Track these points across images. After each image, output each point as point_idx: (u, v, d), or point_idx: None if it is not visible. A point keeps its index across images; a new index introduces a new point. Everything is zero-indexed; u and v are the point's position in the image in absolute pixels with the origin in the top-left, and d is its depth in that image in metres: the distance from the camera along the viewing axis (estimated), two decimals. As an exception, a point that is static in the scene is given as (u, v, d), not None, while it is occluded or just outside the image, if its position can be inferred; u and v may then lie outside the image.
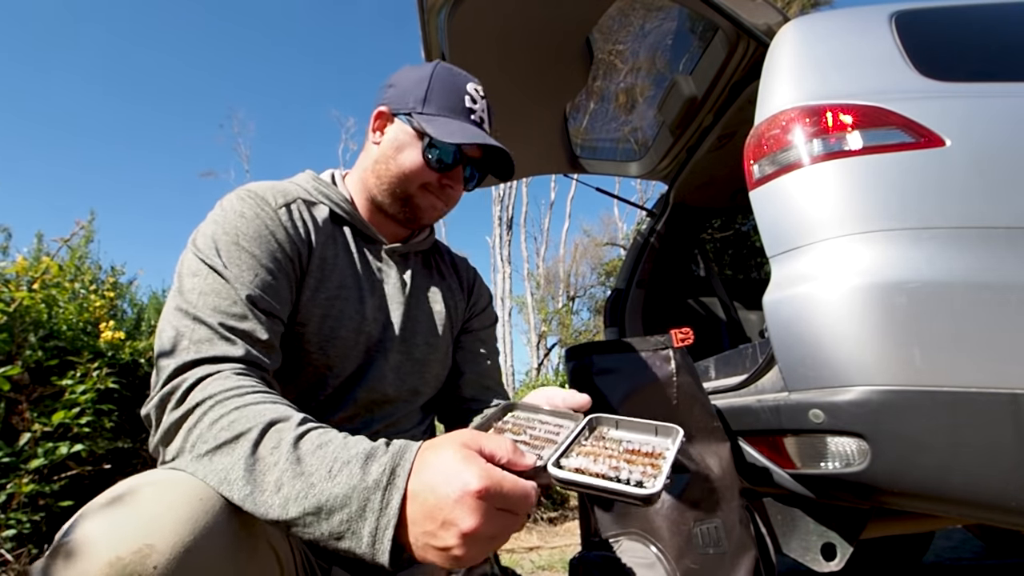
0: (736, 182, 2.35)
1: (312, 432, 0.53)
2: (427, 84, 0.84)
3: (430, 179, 0.85)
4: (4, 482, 1.69)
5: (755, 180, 1.23)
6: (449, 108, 0.83)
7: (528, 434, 0.65)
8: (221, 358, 0.62)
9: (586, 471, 0.53)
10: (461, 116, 0.83)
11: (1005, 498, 0.93)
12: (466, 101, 0.84)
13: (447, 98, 0.84)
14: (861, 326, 1.01)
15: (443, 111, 0.83)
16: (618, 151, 2.81)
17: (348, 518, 0.47)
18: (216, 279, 0.68)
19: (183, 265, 0.71)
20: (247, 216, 0.75)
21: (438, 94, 0.84)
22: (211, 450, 0.53)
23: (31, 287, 2.03)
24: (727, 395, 1.37)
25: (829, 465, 1.06)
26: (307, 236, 0.81)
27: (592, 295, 16.96)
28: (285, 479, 0.49)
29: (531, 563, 2.92)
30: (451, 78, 0.86)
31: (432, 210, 0.88)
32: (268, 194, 0.80)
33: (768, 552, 1.21)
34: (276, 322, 0.71)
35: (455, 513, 0.45)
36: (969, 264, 1.01)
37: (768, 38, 1.55)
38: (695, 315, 2.82)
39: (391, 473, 0.48)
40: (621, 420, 0.67)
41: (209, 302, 0.66)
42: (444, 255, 1.05)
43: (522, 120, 2.34)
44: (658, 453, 0.58)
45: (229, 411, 0.55)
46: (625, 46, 2.24)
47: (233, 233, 0.72)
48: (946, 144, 1.09)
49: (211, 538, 0.48)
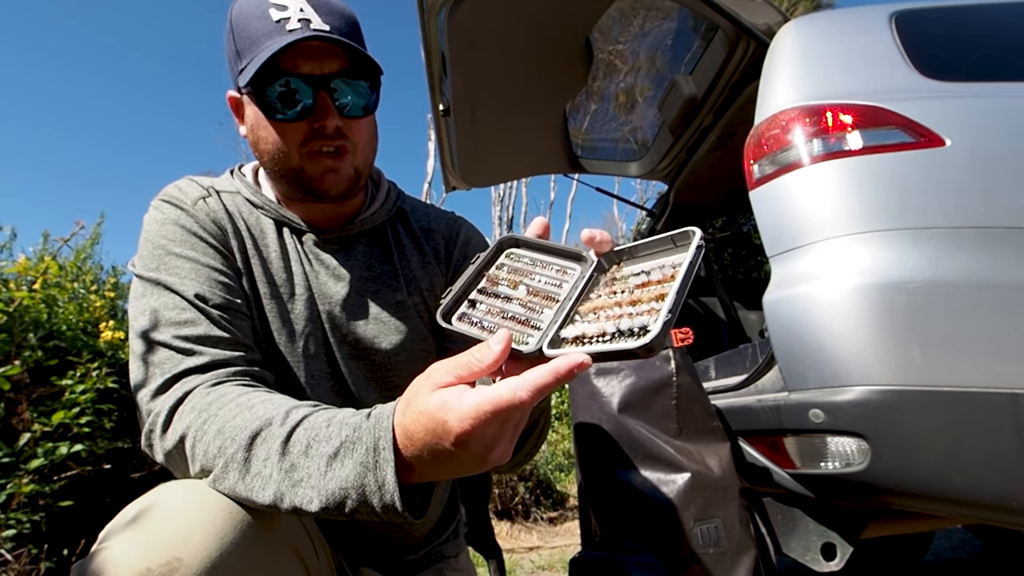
0: (736, 182, 2.35)
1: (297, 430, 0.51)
2: (231, 35, 0.68)
3: (300, 134, 0.68)
4: (4, 482, 1.68)
5: (755, 180, 1.23)
6: (260, 37, 0.65)
7: (526, 286, 0.56)
8: (188, 370, 0.60)
9: (584, 337, 0.47)
10: (275, 36, 0.65)
11: (1005, 498, 0.93)
12: (272, 14, 0.65)
13: (252, 29, 0.66)
14: (861, 326, 1.01)
15: (255, 48, 0.65)
16: (618, 151, 2.81)
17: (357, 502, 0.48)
18: (160, 292, 0.64)
19: (131, 293, 0.67)
20: (168, 222, 0.70)
21: (243, 35, 0.67)
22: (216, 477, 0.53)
23: (31, 287, 2.03)
24: (727, 395, 1.37)
25: (829, 465, 1.06)
26: (227, 228, 0.72)
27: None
28: (285, 490, 0.49)
29: (531, 563, 2.92)
30: (248, 4, 0.68)
31: (332, 175, 0.70)
32: (182, 193, 0.73)
33: (768, 552, 1.21)
34: (236, 315, 0.66)
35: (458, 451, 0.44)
36: (969, 264, 1.01)
37: (768, 38, 1.55)
38: (695, 315, 2.82)
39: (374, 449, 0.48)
40: (634, 247, 0.56)
41: (160, 317, 0.62)
42: (413, 222, 0.86)
43: (522, 120, 2.34)
44: (669, 276, 0.49)
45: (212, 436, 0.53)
46: (625, 46, 2.24)
47: (161, 243, 0.68)
48: (946, 144, 1.09)
49: (238, 552, 0.49)
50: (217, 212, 0.73)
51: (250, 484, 0.50)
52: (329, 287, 0.75)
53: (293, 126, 0.68)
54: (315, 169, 0.70)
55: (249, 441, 0.51)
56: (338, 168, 0.70)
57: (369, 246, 0.80)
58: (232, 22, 0.68)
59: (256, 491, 0.50)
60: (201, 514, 0.49)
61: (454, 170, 2.47)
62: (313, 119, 0.67)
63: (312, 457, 0.49)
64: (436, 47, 1.83)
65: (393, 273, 0.80)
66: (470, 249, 0.86)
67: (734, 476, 1.19)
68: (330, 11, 0.67)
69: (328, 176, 0.70)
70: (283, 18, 0.65)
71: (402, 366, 0.78)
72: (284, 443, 0.50)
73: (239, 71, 0.67)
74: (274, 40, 0.64)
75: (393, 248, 0.81)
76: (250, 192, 0.77)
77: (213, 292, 0.65)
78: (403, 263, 0.81)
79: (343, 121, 0.68)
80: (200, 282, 0.65)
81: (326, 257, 0.76)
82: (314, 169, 0.70)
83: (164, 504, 0.50)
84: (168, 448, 0.56)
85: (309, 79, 0.66)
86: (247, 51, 0.66)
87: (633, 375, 1.27)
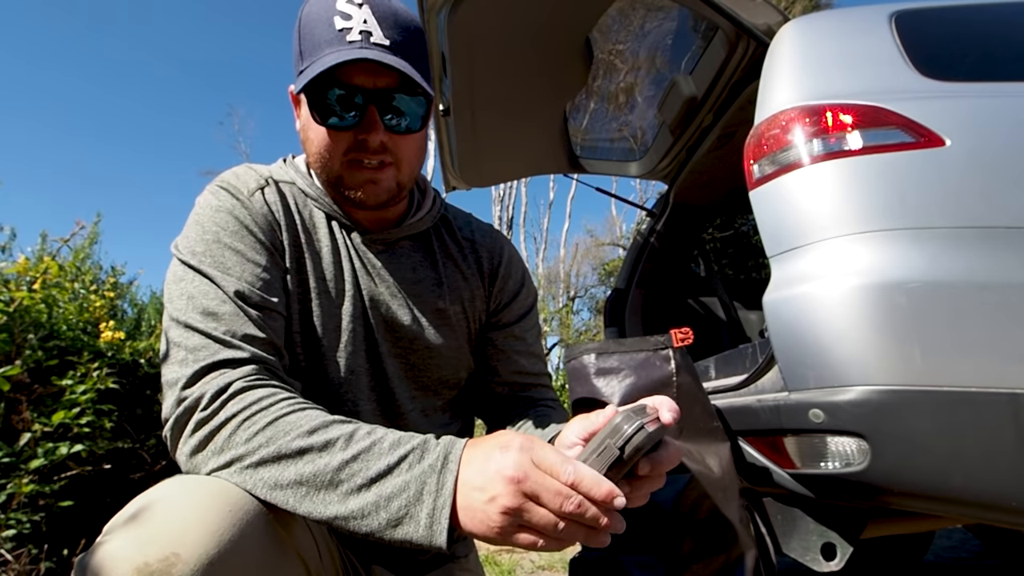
0: (736, 182, 2.35)
1: (360, 430, 0.54)
2: (298, 35, 0.68)
3: (344, 144, 0.68)
4: (4, 482, 1.68)
5: (755, 180, 1.23)
6: (322, 44, 0.65)
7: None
8: (226, 362, 0.59)
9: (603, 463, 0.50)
10: (335, 45, 0.65)
11: (1005, 498, 0.93)
12: (336, 23, 0.65)
13: (316, 34, 0.66)
14: (861, 326, 1.01)
15: (316, 53, 0.66)
16: (618, 151, 2.81)
17: (406, 503, 0.49)
18: (200, 280, 0.64)
19: (169, 273, 0.67)
20: (222, 210, 0.69)
21: (308, 38, 0.67)
22: (255, 463, 0.53)
23: (31, 287, 2.03)
24: (727, 395, 1.37)
25: (829, 465, 1.06)
26: (281, 222, 0.73)
27: (593, 295, 16.98)
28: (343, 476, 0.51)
29: (531, 563, 2.92)
30: (317, 8, 0.67)
31: (372, 186, 0.70)
32: (240, 182, 0.73)
33: (768, 552, 1.21)
34: (273, 316, 0.66)
35: (499, 488, 0.47)
36: (969, 264, 1.01)
37: (768, 38, 1.55)
38: (695, 315, 2.82)
39: (444, 458, 0.51)
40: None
41: (198, 305, 0.62)
42: (458, 231, 0.86)
43: (522, 120, 2.34)
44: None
45: (264, 426, 0.54)
46: (625, 46, 2.24)
47: (213, 231, 0.67)
48: (946, 144, 1.09)
49: (237, 550, 0.49)
50: (274, 204, 0.73)
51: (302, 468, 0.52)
52: (375, 286, 0.77)
53: (339, 134, 0.68)
54: (354, 179, 0.70)
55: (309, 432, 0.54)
56: (378, 180, 0.70)
57: (413, 250, 0.81)
58: (300, 23, 0.68)
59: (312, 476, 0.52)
60: (201, 511, 0.49)
61: (454, 170, 2.47)
62: (359, 131, 0.68)
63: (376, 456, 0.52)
64: (436, 47, 1.83)
65: (436, 280, 0.81)
66: (512, 268, 0.89)
67: (734, 476, 1.19)
68: (394, 23, 0.67)
69: (367, 187, 0.71)
70: (346, 28, 0.65)
71: (434, 368, 0.80)
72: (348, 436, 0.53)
73: (299, 72, 0.68)
74: (334, 49, 0.64)
75: (438, 255, 0.83)
76: (305, 183, 0.77)
77: (253, 290, 0.65)
78: (446, 271, 0.83)
79: (388, 136, 0.68)
80: (243, 278, 0.65)
81: (372, 257, 0.78)
82: (353, 179, 0.70)
83: (164, 500, 0.50)
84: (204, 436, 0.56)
85: (361, 91, 0.66)
86: (308, 54, 0.67)
87: (633, 375, 1.27)
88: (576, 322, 16.34)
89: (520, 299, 0.88)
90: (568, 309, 16.77)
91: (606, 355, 1.27)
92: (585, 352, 1.28)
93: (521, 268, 0.90)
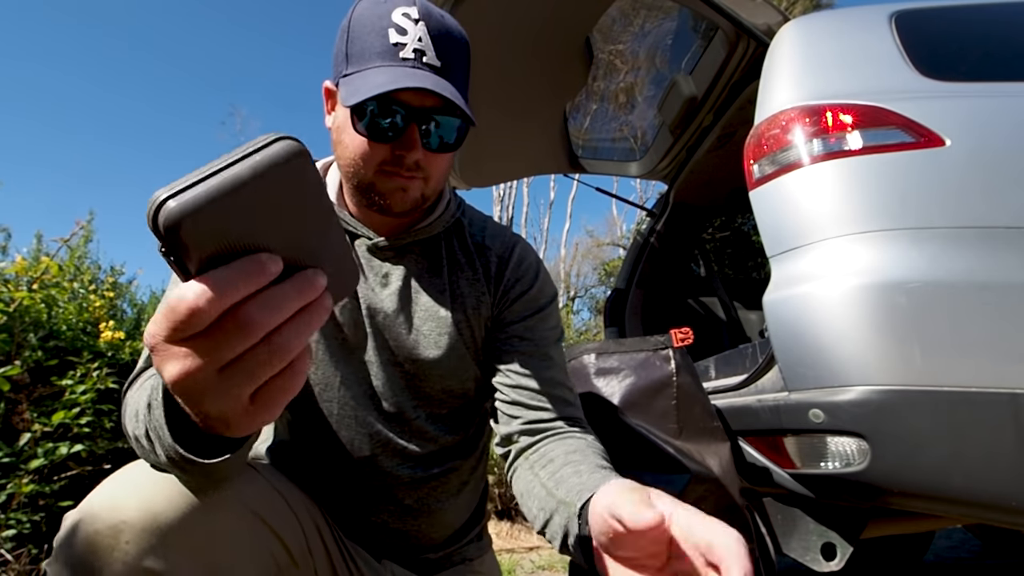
0: (736, 182, 2.35)
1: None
2: (346, 36, 0.67)
3: (380, 156, 0.68)
4: (4, 482, 1.69)
5: (755, 180, 1.23)
6: (373, 54, 0.65)
7: None
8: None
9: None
10: (387, 59, 0.64)
11: (1005, 498, 0.93)
12: (391, 36, 0.64)
13: (368, 42, 0.65)
14: (861, 326, 1.01)
15: (365, 62, 0.65)
16: (618, 151, 2.81)
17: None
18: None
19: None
20: None
21: (358, 43, 0.66)
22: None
23: (31, 287, 2.03)
24: (727, 395, 1.37)
25: (829, 465, 1.06)
26: None
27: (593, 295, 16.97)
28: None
29: (531, 563, 2.92)
30: (371, 14, 0.66)
31: (401, 193, 0.70)
32: None
33: (768, 552, 1.21)
34: None
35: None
36: (969, 264, 1.01)
37: (768, 38, 1.55)
38: (695, 315, 2.82)
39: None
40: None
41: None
42: (469, 237, 0.83)
43: (522, 120, 2.34)
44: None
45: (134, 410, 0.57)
46: (625, 46, 2.24)
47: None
48: (946, 144, 1.09)
49: (187, 514, 0.53)
50: None
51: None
52: (376, 293, 0.76)
53: (377, 146, 0.67)
54: (386, 185, 0.70)
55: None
56: (408, 188, 0.70)
57: (420, 256, 0.79)
58: (351, 22, 0.67)
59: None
60: (151, 479, 0.53)
61: (454, 170, 2.47)
62: (397, 146, 0.67)
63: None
64: (436, 47, 1.83)
65: (441, 287, 0.79)
66: (523, 270, 0.83)
67: (734, 476, 1.19)
68: (447, 43, 0.66)
69: (397, 194, 0.70)
70: (400, 43, 0.64)
71: (435, 379, 0.77)
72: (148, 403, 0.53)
73: (342, 74, 0.67)
74: (385, 63, 0.64)
75: (444, 262, 0.80)
76: None
77: None
78: (452, 278, 0.80)
79: (425, 154, 0.68)
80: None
81: (377, 263, 0.77)
82: (385, 185, 0.70)
83: (121, 476, 0.56)
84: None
85: (406, 108, 0.65)
86: (355, 60, 0.66)
87: (633, 375, 1.27)
88: (576, 322, 16.34)
89: (527, 298, 0.81)
90: (568, 309, 16.78)
91: (606, 355, 1.27)
92: (585, 352, 1.28)
93: (534, 270, 0.84)
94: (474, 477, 0.86)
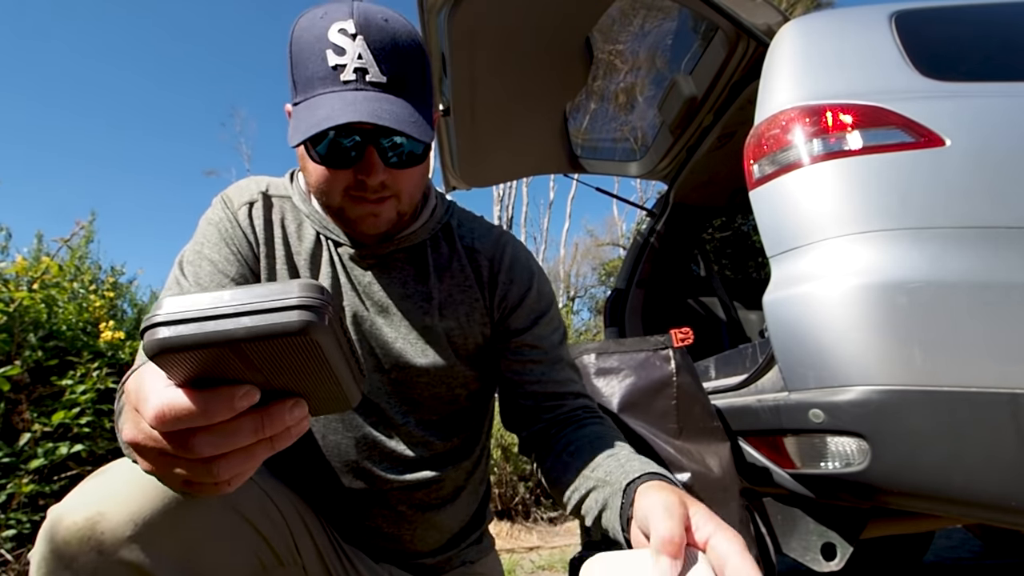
0: (736, 182, 2.35)
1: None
2: (289, 60, 0.64)
3: (343, 181, 0.66)
4: (4, 482, 1.69)
5: (755, 180, 1.23)
6: (315, 80, 0.62)
7: None
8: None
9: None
10: (329, 84, 0.61)
11: (1005, 498, 0.93)
12: (329, 57, 0.61)
13: (309, 67, 0.62)
14: (861, 326, 1.01)
15: (310, 89, 0.62)
16: (618, 151, 2.81)
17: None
18: (176, 289, 0.68)
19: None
20: (213, 221, 0.74)
21: (300, 68, 0.63)
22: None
23: (31, 287, 2.03)
24: (727, 395, 1.37)
25: (829, 465, 1.06)
26: (260, 236, 0.74)
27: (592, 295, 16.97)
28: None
29: (531, 563, 2.92)
30: (309, 35, 0.62)
31: (372, 219, 0.69)
32: (236, 194, 0.76)
33: (768, 552, 1.21)
34: None
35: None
36: (970, 264, 1.01)
37: (768, 38, 1.55)
38: (695, 315, 2.82)
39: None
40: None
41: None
42: (459, 240, 0.81)
43: (522, 120, 2.34)
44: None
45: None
46: (625, 46, 2.24)
47: (200, 241, 0.72)
48: (946, 144, 1.09)
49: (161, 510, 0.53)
50: (256, 219, 0.75)
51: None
52: (359, 302, 0.75)
53: (337, 173, 0.65)
54: (355, 211, 0.68)
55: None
56: (379, 213, 0.68)
57: (406, 263, 0.78)
58: (291, 46, 0.64)
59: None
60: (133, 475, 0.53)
61: (454, 170, 2.47)
62: (358, 171, 0.65)
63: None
64: (436, 47, 1.83)
65: (426, 295, 0.77)
66: (516, 272, 0.81)
67: (734, 476, 1.19)
68: (392, 53, 0.62)
69: (368, 219, 0.69)
70: (339, 64, 0.61)
71: (423, 386, 0.76)
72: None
73: (293, 101, 0.65)
74: (328, 90, 0.61)
75: (431, 269, 0.78)
76: (299, 199, 0.78)
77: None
78: (439, 286, 0.78)
79: (389, 173, 0.66)
80: (208, 288, 0.68)
81: (359, 273, 0.76)
82: (354, 211, 0.68)
83: (105, 471, 0.57)
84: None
85: (360, 131, 0.62)
86: (301, 87, 0.63)
87: (633, 375, 1.27)
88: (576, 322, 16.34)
89: (528, 303, 0.80)
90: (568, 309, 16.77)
91: (606, 355, 1.27)
92: (585, 352, 1.28)
93: (528, 271, 0.82)
94: (472, 481, 0.85)
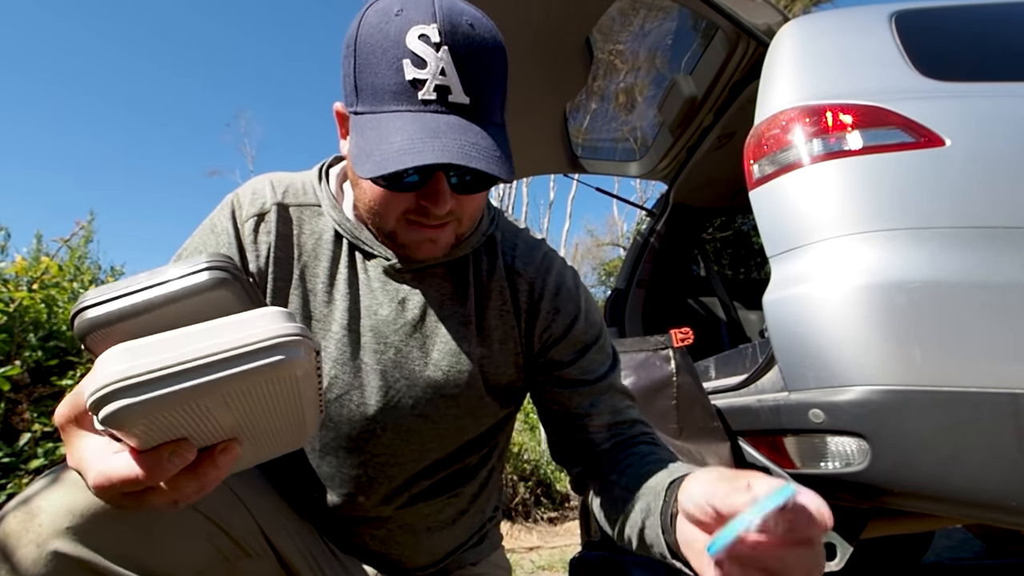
0: (736, 182, 2.35)
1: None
2: (353, 60, 0.55)
3: (403, 205, 0.59)
4: (4, 482, 1.68)
5: (755, 180, 1.23)
6: (386, 93, 0.54)
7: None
8: None
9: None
10: (403, 101, 0.53)
11: (1005, 498, 0.93)
12: (407, 70, 0.52)
13: (380, 75, 0.54)
14: (861, 326, 1.01)
15: (378, 102, 0.54)
16: (618, 151, 2.81)
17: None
18: None
19: None
20: (217, 231, 0.67)
21: (368, 73, 0.54)
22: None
23: (31, 287, 2.03)
24: (727, 395, 1.37)
25: (829, 465, 1.06)
26: (270, 254, 0.66)
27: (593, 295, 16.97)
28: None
29: (531, 563, 2.92)
30: (382, 35, 0.53)
31: (430, 245, 0.62)
32: (247, 202, 0.68)
33: (768, 552, 1.21)
34: None
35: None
36: (970, 264, 1.01)
37: (768, 38, 1.55)
38: (695, 315, 2.82)
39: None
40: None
41: None
42: (501, 255, 0.72)
43: (522, 120, 2.34)
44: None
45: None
46: (625, 46, 2.24)
47: (199, 248, 0.67)
48: (946, 144, 1.09)
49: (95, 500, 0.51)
50: (264, 237, 0.67)
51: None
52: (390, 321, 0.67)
53: (398, 196, 0.58)
54: (411, 237, 0.61)
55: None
56: (437, 239, 0.61)
57: (444, 280, 0.69)
58: (356, 44, 0.55)
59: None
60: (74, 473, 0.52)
61: (454, 170, 2.47)
62: (422, 196, 0.57)
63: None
64: (436, 47, 1.83)
65: (465, 318, 0.69)
66: (561, 300, 0.72)
67: (734, 476, 1.19)
68: (478, 68, 0.55)
69: (425, 245, 0.62)
70: (419, 80, 0.52)
71: (450, 419, 0.69)
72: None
73: (354, 110, 0.57)
74: (402, 107, 0.53)
75: (471, 288, 0.70)
76: (329, 204, 0.69)
77: None
78: (478, 308, 0.70)
79: (456, 199, 0.58)
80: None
81: (393, 287, 0.67)
82: (409, 237, 0.61)
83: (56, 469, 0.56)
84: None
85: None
86: (366, 96, 0.55)
87: (633, 375, 1.27)
88: (576, 322, 16.29)
89: (575, 334, 0.72)
90: (568, 309, 16.72)
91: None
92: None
93: (575, 298, 0.73)
94: (474, 506, 0.80)
